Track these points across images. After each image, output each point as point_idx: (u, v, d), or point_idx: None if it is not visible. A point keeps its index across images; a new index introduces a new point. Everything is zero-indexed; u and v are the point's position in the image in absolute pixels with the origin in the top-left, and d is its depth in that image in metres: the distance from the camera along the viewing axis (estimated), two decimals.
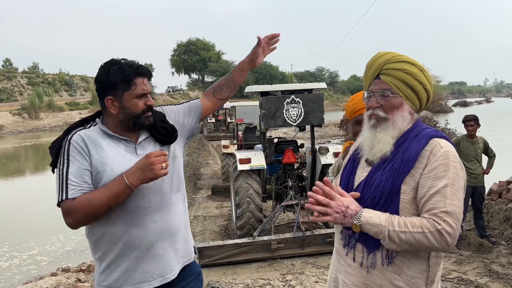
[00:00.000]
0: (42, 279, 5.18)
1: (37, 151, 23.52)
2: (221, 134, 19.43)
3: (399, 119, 1.51)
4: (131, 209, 1.71)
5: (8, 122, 37.24)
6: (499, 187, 6.66)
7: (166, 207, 1.78)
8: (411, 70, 1.51)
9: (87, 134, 1.72)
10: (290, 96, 5.58)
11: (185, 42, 70.43)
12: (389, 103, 1.52)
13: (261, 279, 4.65)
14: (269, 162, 6.32)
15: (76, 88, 55.45)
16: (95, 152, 1.69)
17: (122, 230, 1.71)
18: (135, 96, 1.72)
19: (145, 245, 1.73)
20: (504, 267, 4.63)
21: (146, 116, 1.75)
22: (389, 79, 1.53)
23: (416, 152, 1.43)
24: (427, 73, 1.55)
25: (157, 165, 1.62)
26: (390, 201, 1.42)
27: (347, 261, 1.53)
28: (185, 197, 1.96)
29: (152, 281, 1.75)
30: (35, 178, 15.43)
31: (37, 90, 44.45)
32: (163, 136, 1.82)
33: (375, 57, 1.59)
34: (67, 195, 1.62)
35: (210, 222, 7.42)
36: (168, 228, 1.78)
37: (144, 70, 1.75)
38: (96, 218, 1.67)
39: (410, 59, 1.55)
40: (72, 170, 1.65)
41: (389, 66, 1.53)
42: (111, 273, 1.75)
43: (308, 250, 5.35)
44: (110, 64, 1.73)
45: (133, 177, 1.63)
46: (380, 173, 1.48)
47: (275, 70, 67.49)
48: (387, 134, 1.51)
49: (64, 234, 7.90)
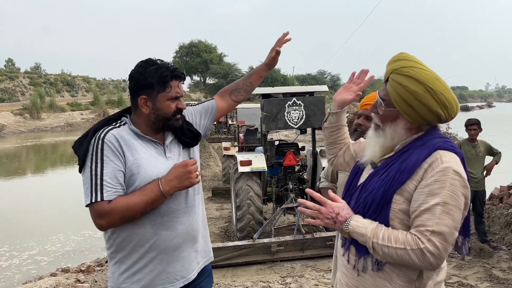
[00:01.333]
0: (42, 279, 5.17)
1: (38, 151, 23.53)
2: (222, 136, 19.45)
3: (390, 133, 1.46)
4: (162, 211, 1.72)
5: (9, 122, 37.29)
6: (500, 192, 6.64)
7: (192, 209, 1.82)
8: (412, 89, 1.39)
9: (120, 134, 1.69)
10: (291, 99, 5.58)
11: (187, 44, 70.51)
12: (384, 115, 1.48)
13: (260, 281, 4.64)
14: (270, 165, 6.32)
15: (78, 89, 55.51)
16: (130, 154, 1.67)
17: (151, 232, 1.71)
18: (169, 98, 1.74)
19: (172, 247, 1.75)
20: (505, 272, 4.61)
21: (176, 118, 1.77)
22: (390, 90, 1.45)
23: (415, 163, 1.37)
24: (440, 94, 1.39)
25: (194, 173, 1.69)
26: (381, 209, 1.40)
27: (343, 261, 1.56)
28: (203, 198, 1.99)
29: (175, 282, 1.77)
30: (36, 178, 15.44)
31: (39, 90, 44.52)
32: (189, 139, 1.84)
33: (391, 60, 1.50)
34: (102, 197, 1.59)
35: (210, 224, 7.42)
36: (193, 230, 1.82)
37: (180, 73, 1.78)
38: (129, 222, 1.66)
39: (419, 74, 1.40)
40: (107, 171, 1.62)
41: (393, 77, 1.44)
42: (133, 275, 1.72)
43: (308, 253, 5.33)
44: (147, 64, 1.74)
45: (169, 185, 1.66)
46: (377, 179, 1.46)
47: (277, 73, 67.51)
48: (377, 142, 1.50)
49: (64, 234, 7.90)
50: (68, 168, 16.69)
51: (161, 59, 1.79)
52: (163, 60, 1.78)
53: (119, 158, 1.65)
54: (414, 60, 1.45)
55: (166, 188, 1.65)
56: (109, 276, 1.79)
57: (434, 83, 1.39)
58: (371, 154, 1.51)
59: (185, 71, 34.65)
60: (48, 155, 22.08)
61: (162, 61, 1.77)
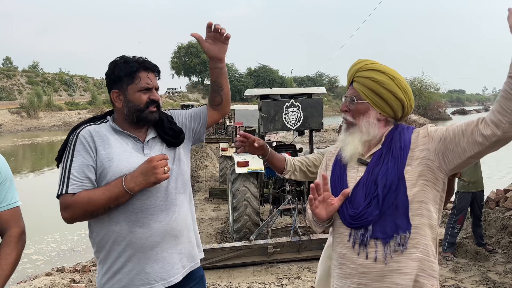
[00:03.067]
0: (37, 278, 5.15)
1: (34, 150, 23.47)
2: (220, 137, 19.43)
3: (364, 124, 1.60)
4: (136, 208, 1.69)
5: (6, 120, 37.20)
6: (497, 195, 6.66)
7: (171, 207, 1.76)
8: (378, 79, 1.59)
9: (96, 130, 1.72)
10: (289, 100, 5.58)
11: (186, 45, 70.55)
12: (356, 109, 1.63)
13: (257, 283, 4.63)
14: (267, 166, 6.31)
15: (75, 88, 55.47)
16: (102, 148, 1.69)
17: (126, 230, 1.69)
18: (139, 90, 1.73)
19: (149, 246, 1.71)
20: (501, 275, 4.62)
21: (150, 110, 1.75)
22: (358, 86, 1.63)
23: (409, 137, 1.57)
24: (400, 81, 1.61)
25: (160, 169, 1.63)
26: (399, 186, 1.50)
27: (359, 262, 1.53)
28: (191, 199, 1.94)
29: (154, 284, 1.72)
30: (32, 177, 15.40)
31: (36, 89, 44.48)
32: (171, 137, 1.82)
33: (353, 65, 1.69)
34: (67, 190, 1.63)
35: (206, 224, 7.40)
36: (172, 229, 1.76)
37: (149, 65, 1.76)
38: (93, 216, 1.67)
39: (380, 67, 1.62)
40: (75, 165, 1.65)
41: (359, 74, 1.63)
42: (114, 275, 1.72)
43: (305, 254, 5.33)
44: (117, 59, 1.76)
45: (134, 181, 1.63)
46: (380, 166, 1.56)
47: (275, 74, 67.68)
48: (355, 138, 1.61)
49: (60, 234, 7.88)
50: None
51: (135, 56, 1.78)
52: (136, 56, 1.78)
53: (89, 153, 1.67)
54: (373, 60, 1.67)
55: (130, 185, 1.62)
56: (96, 276, 1.81)
57: (395, 72, 1.63)
58: (353, 150, 1.61)
59: (183, 72, 34.62)
60: (45, 154, 22.02)
61: (134, 56, 1.77)
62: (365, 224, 1.52)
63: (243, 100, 46.45)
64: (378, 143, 1.62)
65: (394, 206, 1.49)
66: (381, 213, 1.50)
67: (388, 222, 1.50)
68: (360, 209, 1.53)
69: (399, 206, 1.49)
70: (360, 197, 1.55)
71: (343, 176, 1.64)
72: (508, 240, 5.48)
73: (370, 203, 1.51)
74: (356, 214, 1.54)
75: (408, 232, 1.49)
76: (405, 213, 1.49)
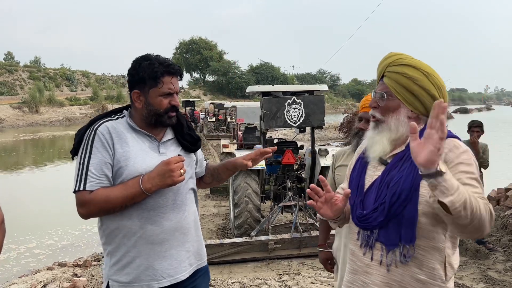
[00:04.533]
0: (39, 272, 5.18)
1: (36, 145, 23.50)
2: (221, 134, 19.45)
3: (394, 122, 1.52)
4: (148, 206, 1.72)
5: (8, 115, 37.23)
6: (498, 194, 6.67)
7: (182, 206, 1.80)
8: (411, 75, 1.50)
9: (113, 126, 1.74)
10: (291, 97, 5.59)
11: (187, 41, 70.43)
12: (385, 105, 1.54)
13: (257, 278, 4.65)
14: (268, 163, 6.33)
15: (77, 84, 55.41)
16: (119, 146, 1.70)
17: (137, 226, 1.71)
18: (161, 94, 1.74)
19: (158, 243, 1.74)
20: (501, 273, 4.64)
21: (169, 116, 1.77)
22: (389, 82, 1.54)
23: None
24: (435, 77, 1.51)
25: (177, 171, 1.66)
26: (411, 197, 1.41)
27: (364, 261, 1.53)
28: (197, 199, 1.98)
29: (162, 280, 1.74)
30: (34, 172, 15.43)
31: (38, 84, 44.45)
32: (189, 143, 1.86)
33: (383, 58, 1.59)
34: (85, 186, 1.64)
35: (207, 220, 7.43)
36: (181, 228, 1.79)
37: (173, 69, 1.76)
38: (108, 213, 1.70)
39: (414, 62, 1.52)
40: (94, 161, 1.66)
41: (391, 69, 1.54)
42: (122, 268, 1.74)
43: (305, 251, 5.35)
44: (142, 59, 1.76)
45: (151, 182, 1.65)
46: (397, 170, 1.47)
47: (277, 71, 67.51)
48: (383, 136, 1.52)
49: (62, 228, 7.90)
50: (66, 162, 16.68)
51: (159, 55, 1.79)
52: (160, 56, 1.78)
53: (107, 150, 1.68)
54: (405, 54, 1.58)
55: (147, 186, 1.64)
56: (103, 267, 1.83)
57: (429, 68, 1.53)
58: (381, 149, 1.52)
59: (184, 68, 34.54)
60: (46, 150, 22.05)
61: (159, 56, 1.77)
62: (370, 227, 1.50)
63: (245, 97, 46.44)
64: (403, 143, 1.52)
65: (400, 216, 1.42)
66: (386, 220, 1.44)
67: (392, 231, 1.44)
68: (366, 212, 1.50)
69: (405, 218, 1.41)
70: (371, 198, 1.51)
71: (362, 174, 1.60)
72: (508, 238, 5.50)
73: (377, 209, 1.47)
74: (362, 216, 1.52)
75: (412, 245, 1.41)
76: (411, 226, 1.41)
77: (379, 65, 1.60)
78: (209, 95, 60.40)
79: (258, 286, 4.43)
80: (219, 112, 22.51)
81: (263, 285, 4.46)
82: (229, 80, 62.11)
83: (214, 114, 23.22)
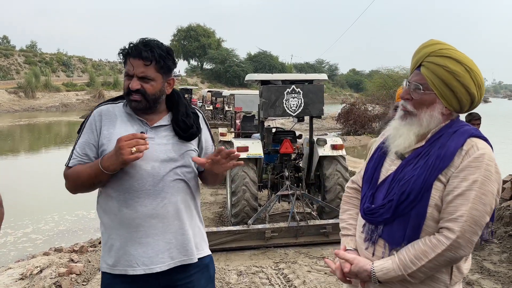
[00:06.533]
0: (35, 258, 5.18)
1: (32, 130, 23.38)
2: (218, 122, 19.39)
3: (426, 118, 1.42)
4: (124, 188, 1.72)
5: (4, 100, 36.98)
6: None
7: (160, 193, 1.73)
8: (453, 69, 1.38)
9: (109, 109, 1.80)
10: (290, 86, 5.55)
11: (185, 28, 69.85)
12: (420, 99, 1.43)
13: (254, 266, 4.67)
14: (266, 152, 6.31)
15: (73, 69, 55.00)
16: (106, 128, 1.75)
17: (116, 208, 1.73)
18: (125, 75, 1.75)
19: (134, 227, 1.72)
20: (496, 264, 4.68)
21: (130, 99, 1.73)
22: (427, 73, 1.42)
23: (454, 149, 1.36)
24: (477, 74, 1.41)
25: (126, 149, 1.59)
26: (420, 198, 1.36)
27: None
28: (194, 193, 1.88)
29: (136, 268, 1.72)
30: (30, 157, 15.38)
31: (34, 69, 44.11)
32: (180, 129, 1.79)
33: (423, 45, 1.47)
34: (68, 163, 1.77)
35: (204, 208, 7.44)
36: (158, 215, 1.73)
37: (136, 52, 1.68)
38: (86, 189, 1.75)
39: (458, 55, 1.40)
40: (80, 141, 1.78)
41: (431, 59, 1.42)
42: (108, 250, 1.78)
43: (302, 240, 5.37)
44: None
45: (108, 161, 1.64)
46: (411, 168, 1.41)
47: (275, 60, 67.27)
48: (410, 130, 1.45)
49: (59, 214, 7.90)
50: (62, 148, 16.62)
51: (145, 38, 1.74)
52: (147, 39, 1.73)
53: (93, 132, 1.76)
54: (448, 44, 1.45)
55: (106, 164, 1.64)
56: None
57: (472, 64, 1.41)
58: (405, 142, 1.45)
59: (182, 55, 34.19)
60: (42, 135, 21.94)
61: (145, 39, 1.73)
62: (375, 222, 1.47)
63: (243, 86, 46.23)
64: (423, 138, 1.45)
65: (407, 216, 1.38)
66: (393, 217, 1.41)
67: (397, 229, 1.41)
68: (374, 207, 1.47)
69: (412, 218, 1.38)
70: (381, 193, 1.47)
71: (378, 166, 1.53)
72: (503, 230, 5.53)
73: (385, 205, 1.43)
74: (369, 210, 1.48)
75: None
76: (417, 228, 1.38)
77: (417, 52, 1.47)
78: (206, 83, 60.09)
79: (255, 274, 4.45)
80: (217, 100, 22.41)
81: (259, 273, 4.48)
82: (227, 68, 61.81)
83: (211, 103, 23.13)
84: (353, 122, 19.42)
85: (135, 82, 1.69)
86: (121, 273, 1.74)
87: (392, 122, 1.54)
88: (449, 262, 1.36)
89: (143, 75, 1.70)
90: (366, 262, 1.44)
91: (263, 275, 4.43)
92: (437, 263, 1.34)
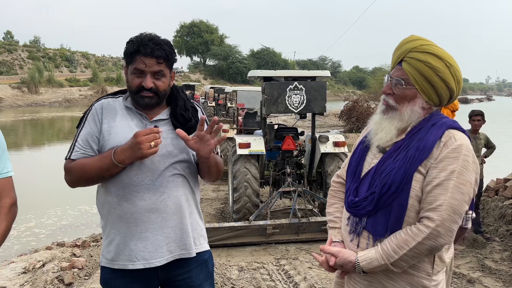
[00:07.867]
0: (37, 252, 5.21)
1: (35, 125, 23.44)
2: (221, 118, 19.38)
3: (408, 112, 1.47)
4: (124, 183, 1.72)
5: (7, 95, 37.05)
6: (496, 184, 6.68)
7: (159, 188, 1.73)
8: (434, 64, 1.42)
9: (109, 103, 1.80)
10: (293, 83, 5.54)
11: (188, 24, 69.74)
12: (402, 93, 1.48)
13: (255, 262, 4.69)
14: (268, 148, 6.31)
15: (76, 65, 55.01)
16: (106, 121, 1.75)
17: (115, 202, 1.73)
18: (132, 72, 1.72)
19: (134, 222, 1.73)
20: (497, 263, 4.68)
21: (141, 95, 1.71)
22: (408, 68, 1.45)
23: (433, 142, 1.40)
24: (456, 70, 1.45)
25: (145, 144, 1.60)
26: (401, 189, 1.40)
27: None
28: (194, 188, 1.89)
29: (136, 262, 1.73)
30: (33, 152, 15.43)
31: (37, 64, 44.12)
32: (178, 123, 1.79)
33: (404, 41, 1.51)
34: (70, 155, 1.74)
35: (206, 204, 7.45)
36: (157, 210, 1.73)
37: (146, 50, 1.67)
38: (89, 183, 1.73)
39: (438, 51, 1.44)
40: (82, 133, 1.76)
41: (412, 55, 1.45)
42: (108, 244, 1.79)
43: (303, 236, 5.38)
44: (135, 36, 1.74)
45: (124, 154, 1.64)
46: (392, 160, 1.45)
47: (278, 57, 67.07)
48: (392, 124, 1.48)
49: (62, 208, 7.93)
50: (65, 143, 16.66)
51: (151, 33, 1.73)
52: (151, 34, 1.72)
53: (96, 124, 1.75)
54: (429, 40, 1.49)
55: (120, 157, 1.64)
56: None
57: (452, 59, 1.46)
58: (387, 136, 1.49)
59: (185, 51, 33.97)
60: (45, 130, 22.01)
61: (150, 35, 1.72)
62: (359, 215, 1.50)
63: (245, 82, 46.16)
64: (404, 132, 1.49)
65: (389, 207, 1.42)
66: (375, 210, 1.45)
67: (380, 221, 1.45)
68: (357, 200, 1.51)
69: (394, 210, 1.42)
70: (365, 186, 1.51)
71: (361, 160, 1.57)
72: (505, 228, 5.53)
73: (367, 198, 1.47)
74: (353, 203, 1.52)
75: None
76: (400, 218, 1.41)
77: (398, 48, 1.51)
78: (209, 79, 60.04)
79: (256, 270, 4.46)
80: (219, 96, 22.38)
81: (260, 269, 4.50)
82: (229, 65, 61.70)
83: (214, 99, 23.11)
84: (355, 119, 19.37)
85: (149, 80, 1.70)
86: (121, 267, 1.75)
87: (374, 116, 1.57)
88: (430, 251, 1.38)
89: (159, 73, 1.71)
90: (350, 254, 1.48)
91: (264, 271, 4.44)
92: (418, 251, 1.36)
